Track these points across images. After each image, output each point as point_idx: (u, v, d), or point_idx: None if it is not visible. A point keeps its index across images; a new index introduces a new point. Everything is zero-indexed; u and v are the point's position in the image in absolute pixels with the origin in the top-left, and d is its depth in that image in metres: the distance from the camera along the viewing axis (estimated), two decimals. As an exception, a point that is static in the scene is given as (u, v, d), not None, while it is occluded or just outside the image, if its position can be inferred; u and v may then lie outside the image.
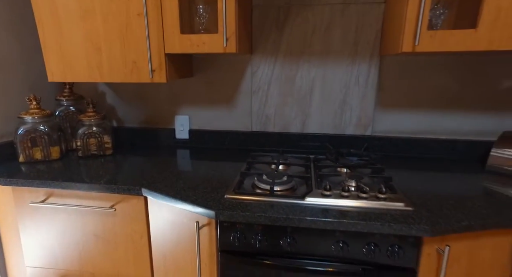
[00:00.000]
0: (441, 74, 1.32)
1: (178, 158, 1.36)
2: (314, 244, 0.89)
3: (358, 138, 1.42)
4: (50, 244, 1.16)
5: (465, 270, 0.87)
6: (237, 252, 0.93)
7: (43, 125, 1.26)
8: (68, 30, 1.18)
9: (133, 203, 1.07)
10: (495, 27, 0.94)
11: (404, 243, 0.84)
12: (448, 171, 1.19)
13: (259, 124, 1.49)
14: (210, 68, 1.47)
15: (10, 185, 1.09)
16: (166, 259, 1.06)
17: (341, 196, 0.91)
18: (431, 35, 0.99)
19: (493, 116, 1.31)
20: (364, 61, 1.35)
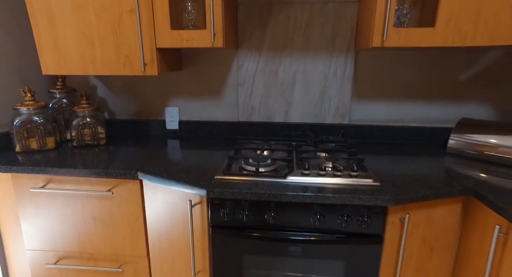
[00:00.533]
0: (409, 68, 1.46)
1: (169, 147, 1.45)
2: (295, 217, 1.00)
3: (336, 126, 1.54)
4: (50, 227, 1.23)
5: (422, 234, 1.01)
6: (226, 226, 1.04)
7: (38, 116, 1.32)
8: (62, 25, 1.24)
9: (129, 186, 1.15)
10: (448, 27, 1.07)
11: (372, 213, 0.97)
12: (414, 155, 1.33)
13: (245, 114, 1.59)
14: (198, 62, 1.56)
15: (10, 172, 1.15)
16: (161, 238, 1.16)
17: (319, 175, 1.03)
18: (397, 32, 1.12)
19: (452, 105, 1.46)
20: (341, 55, 1.47)
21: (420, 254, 1.04)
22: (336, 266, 1.04)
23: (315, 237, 1.01)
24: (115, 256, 1.25)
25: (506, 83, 1.42)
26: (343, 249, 1.01)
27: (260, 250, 1.04)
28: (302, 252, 1.03)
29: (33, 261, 1.27)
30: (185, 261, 1.13)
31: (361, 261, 1.02)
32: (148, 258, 1.22)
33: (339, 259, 1.03)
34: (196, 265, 1.11)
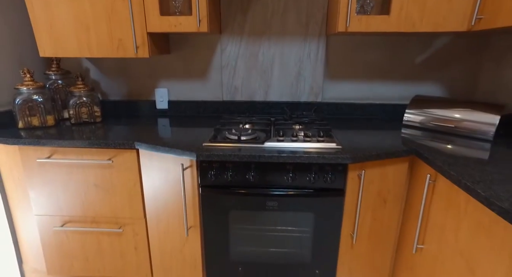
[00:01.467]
0: (373, 52, 1.65)
1: (160, 124, 1.60)
2: (272, 176, 1.19)
3: (311, 104, 1.73)
4: (56, 194, 1.37)
5: (377, 188, 1.22)
6: (214, 186, 1.22)
7: (37, 96, 1.44)
8: (57, 10, 1.35)
9: (126, 155, 1.31)
10: (400, 15, 1.27)
11: (335, 171, 1.18)
12: (377, 127, 1.54)
13: (228, 94, 1.75)
14: (185, 46, 1.70)
15: (18, 145, 1.29)
16: (156, 200, 1.33)
17: (291, 140, 1.22)
18: (359, 19, 1.30)
19: (410, 85, 1.68)
20: (314, 40, 1.64)
21: (375, 205, 1.26)
22: (307, 217, 1.24)
23: (288, 192, 1.20)
24: (115, 218, 1.41)
25: (453, 65, 1.64)
26: (312, 202, 1.21)
27: (243, 205, 1.23)
28: (278, 206, 1.22)
29: (41, 225, 1.42)
30: (178, 218, 1.31)
31: (327, 212, 1.23)
32: (145, 219, 1.39)
33: (309, 211, 1.23)
34: (188, 221, 1.29)
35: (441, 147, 1.20)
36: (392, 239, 1.31)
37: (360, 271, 1.35)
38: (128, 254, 1.45)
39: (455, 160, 1.05)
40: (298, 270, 1.32)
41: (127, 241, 1.43)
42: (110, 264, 1.48)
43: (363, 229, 1.28)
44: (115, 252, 1.45)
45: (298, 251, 1.29)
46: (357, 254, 1.32)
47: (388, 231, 1.30)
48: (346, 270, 1.33)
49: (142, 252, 1.44)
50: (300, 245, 1.28)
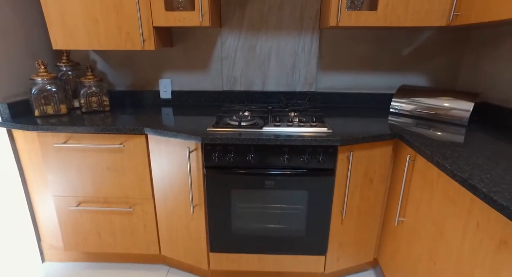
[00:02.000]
0: (363, 45, 1.77)
1: (165, 113, 1.72)
2: (269, 158, 1.33)
3: (305, 93, 1.86)
4: (71, 177, 1.49)
5: (364, 169, 1.36)
6: (217, 167, 1.35)
7: (51, 86, 1.55)
8: (69, 5, 1.45)
9: (136, 140, 1.43)
10: (386, 11, 1.39)
11: (326, 153, 1.31)
12: (366, 114, 1.67)
13: (228, 84, 1.87)
14: (187, 40, 1.80)
15: (38, 131, 1.40)
16: (163, 181, 1.46)
17: (287, 126, 1.35)
18: (349, 14, 1.42)
19: (397, 75, 1.81)
20: (308, 33, 1.76)
21: (363, 184, 1.40)
22: (301, 195, 1.38)
23: (285, 172, 1.34)
24: (126, 199, 1.54)
25: (436, 57, 1.77)
26: (305, 181, 1.35)
27: (244, 184, 1.37)
28: (275, 184, 1.36)
29: (58, 205, 1.54)
30: (184, 197, 1.44)
31: (319, 190, 1.37)
32: (153, 199, 1.52)
33: (303, 189, 1.37)
34: (194, 199, 1.43)
35: (421, 131, 1.34)
36: (378, 214, 1.46)
37: (349, 244, 1.50)
38: (138, 232, 1.59)
39: (432, 142, 1.19)
40: (293, 243, 1.46)
41: (137, 220, 1.56)
42: (121, 241, 1.61)
43: (352, 206, 1.42)
44: (126, 229, 1.59)
45: (293, 226, 1.43)
46: (347, 229, 1.46)
47: (374, 207, 1.44)
48: (337, 243, 1.48)
49: (150, 230, 1.58)
50: (295, 220, 1.42)
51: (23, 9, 1.58)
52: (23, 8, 1.59)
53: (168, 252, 1.59)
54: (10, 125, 1.43)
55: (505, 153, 1.07)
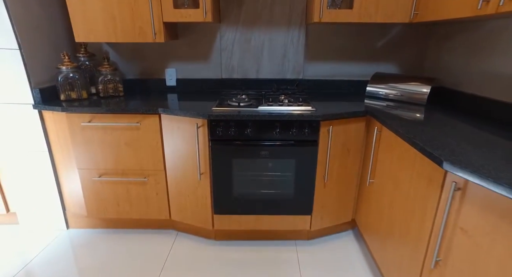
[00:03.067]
0: (343, 37, 2.05)
1: (170, 98, 1.97)
2: (264, 132, 1.60)
3: (294, 80, 2.14)
4: (94, 152, 1.74)
5: (342, 141, 1.65)
6: (221, 140, 1.62)
7: (74, 74, 1.78)
8: (90, 4, 1.69)
9: (151, 119, 1.68)
10: (360, 9, 1.67)
11: (311, 127, 1.59)
12: (345, 98, 1.96)
13: (227, 72, 2.13)
14: (190, 33, 2.05)
15: (66, 112, 1.64)
16: (174, 154, 1.72)
17: (278, 105, 1.63)
18: (329, 12, 1.69)
19: (371, 64, 2.10)
20: (296, 28, 2.03)
21: (341, 154, 1.69)
22: (290, 163, 1.66)
23: (276, 143, 1.62)
24: (141, 171, 1.80)
25: (406, 48, 2.06)
26: (293, 151, 1.64)
27: (243, 154, 1.64)
28: (269, 154, 1.64)
29: (83, 177, 1.80)
30: (192, 167, 1.71)
31: (305, 159, 1.66)
32: (165, 170, 1.79)
33: (291, 158, 1.65)
34: (200, 168, 1.70)
35: (388, 109, 1.63)
36: (354, 179, 1.76)
37: (331, 205, 1.79)
38: (151, 199, 1.85)
39: (394, 117, 1.48)
40: (284, 205, 1.75)
41: (150, 188, 1.83)
42: (136, 208, 1.87)
43: (333, 172, 1.72)
44: (141, 197, 1.85)
45: (284, 190, 1.72)
46: (328, 192, 1.76)
47: (351, 173, 1.74)
48: (320, 205, 1.78)
49: (162, 197, 1.84)
50: (285, 185, 1.71)
51: (48, 6, 1.81)
52: (48, 5, 1.81)
53: (177, 216, 1.86)
54: (43, 107, 1.67)
55: (446, 123, 1.37)
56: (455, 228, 0.97)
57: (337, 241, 1.91)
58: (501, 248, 0.83)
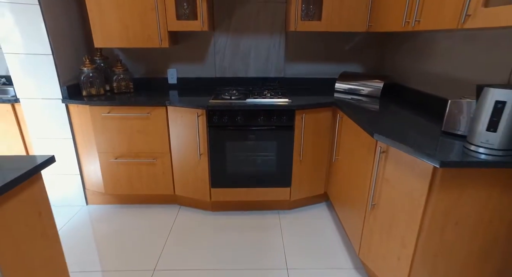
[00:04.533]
0: (317, 42, 2.48)
1: (172, 94, 2.35)
2: (251, 119, 2.01)
3: (276, 78, 2.55)
4: (111, 138, 2.12)
5: (313, 126, 2.07)
6: (216, 126, 2.02)
7: (93, 74, 2.16)
8: (108, 15, 2.06)
9: (159, 111, 2.07)
10: (327, 20, 2.09)
11: (288, 115, 2.00)
12: (318, 92, 2.38)
13: (220, 72, 2.53)
14: (189, 39, 2.44)
15: (89, 105, 2.02)
16: (178, 138, 2.11)
17: (262, 98, 2.04)
18: (302, 23, 2.11)
19: (340, 65, 2.53)
20: (277, 35, 2.44)
21: (313, 138, 2.10)
22: (272, 145, 2.07)
23: (261, 128, 2.03)
24: (150, 153, 2.18)
25: (368, 51, 2.50)
26: (275, 134, 2.05)
27: (234, 137, 2.04)
28: (255, 137, 2.05)
29: (102, 159, 2.17)
30: (193, 149, 2.10)
31: (284, 141, 2.07)
32: (170, 153, 2.17)
33: (273, 140, 2.06)
34: (200, 149, 2.09)
35: (350, 101, 2.06)
36: (324, 157, 2.18)
37: (306, 179, 2.21)
38: (158, 177, 2.23)
39: (353, 106, 1.91)
40: (268, 179, 2.16)
41: (158, 168, 2.21)
42: (146, 185, 2.25)
43: (307, 152, 2.13)
44: (150, 176, 2.23)
45: (268, 167, 2.13)
46: (304, 167, 2.17)
47: (322, 152, 2.16)
48: (298, 179, 2.19)
49: (167, 175, 2.23)
50: (269, 163, 2.12)
51: (71, 16, 2.17)
52: (71, 15, 2.17)
53: (180, 191, 2.25)
54: (69, 102, 2.03)
55: (391, 110, 1.80)
56: (382, 179, 1.40)
57: (312, 210, 2.33)
58: (408, 187, 1.26)
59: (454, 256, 1.24)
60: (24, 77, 1.95)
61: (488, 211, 1.16)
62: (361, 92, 2.26)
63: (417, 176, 1.20)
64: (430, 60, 1.90)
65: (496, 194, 1.14)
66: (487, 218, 1.17)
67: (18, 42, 1.86)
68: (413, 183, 1.22)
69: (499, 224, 1.19)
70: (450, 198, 1.15)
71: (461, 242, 1.22)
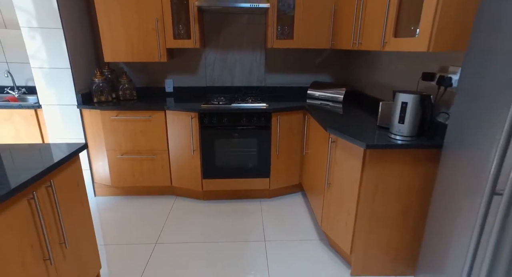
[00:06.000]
0: (292, 57, 2.94)
1: (169, 100, 2.77)
2: (235, 120, 2.43)
3: (258, 87, 3.00)
4: (118, 137, 2.51)
5: (288, 126, 2.50)
6: (207, 126, 2.44)
7: (103, 83, 2.56)
8: (117, 34, 2.48)
9: (158, 114, 2.48)
10: (298, 39, 2.55)
11: (266, 117, 2.44)
12: (293, 99, 2.82)
13: (210, 82, 2.97)
14: (183, 54, 2.88)
15: (101, 109, 2.42)
16: (174, 137, 2.52)
17: (245, 103, 2.47)
18: (278, 41, 2.57)
19: (312, 75, 2.99)
20: (258, 51, 2.90)
21: (288, 136, 2.54)
22: (253, 142, 2.50)
23: (244, 128, 2.45)
24: (151, 150, 2.58)
25: (335, 64, 2.97)
26: (255, 133, 2.47)
27: (221, 136, 2.46)
28: (239, 135, 2.47)
29: (110, 155, 2.56)
30: (187, 146, 2.51)
31: (263, 138, 2.49)
32: (168, 150, 2.58)
33: (254, 138, 2.49)
34: (193, 146, 2.50)
35: (318, 106, 2.51)
36: (297, 151, 2.61)
37: (283, 171, 2.63)
38: (157, 171, 2.63)
39: (319, 109, 2.36)
40: (251, 171, 2.57)
41: (157, 163, 2.61)
42: (147, 178, 2.64)
43: (283, 148, 2.56)
44: (150, 170, 2.62)
45: (250, 161, 2.55)
46: (280, 161, 2.60)
47: (296, 148, 2.59)
48: (276, 171, 2.61)
49: (165, 169, 2.62)
50: (251, 157, 2.54)
51: (85, 37, 2.59)
52: (85, 36, 2.59)
53: (176, 183, 2.65)
54: (84, 107, 2.43)
55: (348, 112, 2.25)
56: (334, 163, 1.83)
57: (289, 199, 2.75)
58: (350, 167, 1.69)
59: (383, 217, 1.67)
60: (47, 87, 2.35)
61: (403, 181, 1.60)
62: (328, 98, 2.71)
63: (355, 157, 1.64)
64: (377, 72, 2.37)
65: (407, 169, 1.58)
66: (403, 187, 1.61)
67: (44, 58, 2.27)
68: (353, 163, 1.66)
69: (411, 191, 1.62)
70: (376, 173, 1.59)
71: (387, 206, 1.65)
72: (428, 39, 1.36)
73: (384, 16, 1.67)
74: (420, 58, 1.84)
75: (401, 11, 1.58)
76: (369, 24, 1.86)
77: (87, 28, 2.62)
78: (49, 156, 1.27)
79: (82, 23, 2.54)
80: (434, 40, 1.35)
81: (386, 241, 1.72)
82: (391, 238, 1.72)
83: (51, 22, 2.16)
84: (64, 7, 2.25)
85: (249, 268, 1.88)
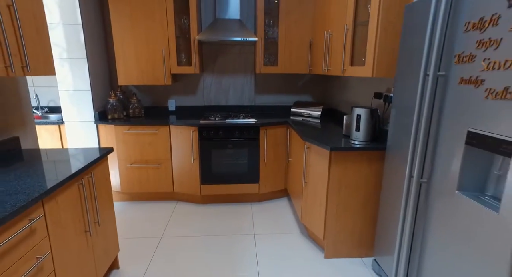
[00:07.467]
0: (278, 80, 3.44)
1: (172, 117, 3.21)
2: (229, 134, 2.87)
3: (249, 106, 3.47)
4: (129, 148, 2.93)
5: (273, 139, 2.95)
6: (205, 138, 2.87)
7: (116, 103, 3.01)
8: (129, 61, 2.97)
9: (164, 128, 2.91)
10: (283, 65, 3.06)
11: (255, 130, 2.89)
12: (279, 116, 3.29)
13: (207, 102, 3.44)
14: (184, 79, 3.37)
15: (113, 124, 2.85)
16: (177, 148, 2.94)
17: (237, 119, 2.93)
18: (265, 67, 3.07)
19: (296, 96, 3.49)
20: (249, 75, 3.40)
21: (274, 147, 2.98)
22: (244, 152, 2.93)
23: (236, 140, 2.89)
24: (157, 159, 2.99)
25: (315, 86, 3.48)
26: (246, 144, 2.91)
27: (217, 147, 2.89)
28: (233, 146, 2.90)
29: (121, 164, 2.96)
30: (188, 156, 2.93)
31: (253, 149, 2.93)
32: (171, 159, 2.99)
33: (245, 148, 2.92)
34: (193, 155, 2.92)
35: (300, 121, 2.98)
36: (283, 160, 3.04)
37: (270, 177, 3.05)
38: (162, 178, 3.02)
39: (300, 124, 2.82)
40: (243, 177, 2.98)
41: (161, 171, 3.01)
42: (152, 184, 3.03)
43: (270, 157, 2.99)
44: (155, 177, 3.02)
45: (242, 168, 2.96)
46: (268, 169, 3.02)
47: (281, 157, 3.03)
48: (264, 177, 3.03)
49: (168, 176, 3.02)
50: (243, 165, 2.96)
51: (102, 64, 3.07)
52: (102, 63, 3.07)
53: (178, 188, 3.04)
54: (100, 123, 2.86)
55: (324, 127, 2.72)
56: (309, 165, 2.26)
57: (276, 202, 3.14)
58: (320, 167, 2.13)
59: (347, 207, 2.09)
60: (71, 106, 2.79)
61: (361, 178, 2.04)
62: (308, 115, 3.19)
63: (323, 159, 2.07)
64: (345, 92, 2.87)
65: (364, 167, 2.02)
66: (362, 181, 2.04)
67: (70, 83, 2.72)
68: (322, 163, 2.09)
69: (369, 185, 2.05)
70: (340, 170, 2.02)
71: (350, 198, 2.07)
72: (372, 67, 1.85)
73: (342, 49, 2.17)
74: (374, 82, 2.33)
75: (354, 47, 2.09)
76: (333, 55, 2.37)
77: (104, 57, 3.11)
78: (90, 156, 1.69)
79: (101, 53, 3.03)
80: (376, 68, 1.84)
81: (351, 228, 2.13)
82: (355, 225, 2.12)
83: (79, 53, 2.64)
84: (89, 41, 2.74)
85: (241, 255, 2.25)
